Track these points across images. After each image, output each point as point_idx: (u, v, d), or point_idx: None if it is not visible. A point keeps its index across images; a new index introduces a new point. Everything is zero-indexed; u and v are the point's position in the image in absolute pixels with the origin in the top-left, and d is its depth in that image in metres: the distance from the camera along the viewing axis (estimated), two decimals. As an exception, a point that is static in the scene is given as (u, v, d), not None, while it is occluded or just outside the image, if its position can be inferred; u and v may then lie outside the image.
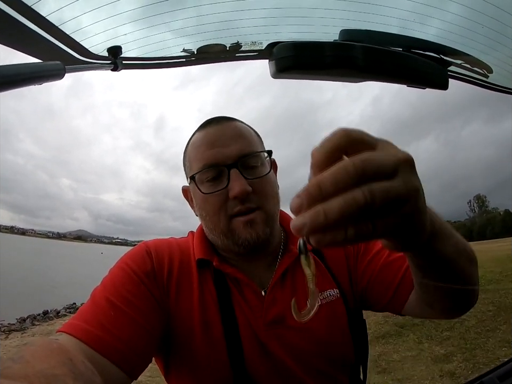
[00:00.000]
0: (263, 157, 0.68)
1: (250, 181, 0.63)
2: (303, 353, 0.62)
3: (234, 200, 0.62)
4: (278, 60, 0.58)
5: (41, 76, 0.45)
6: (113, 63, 0.67)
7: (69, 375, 0.33)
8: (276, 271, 0.67)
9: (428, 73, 0.64)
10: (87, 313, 0.53)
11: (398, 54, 0.61)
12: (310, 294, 0.38)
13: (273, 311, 0.63)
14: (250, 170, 0.64)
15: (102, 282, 0.60)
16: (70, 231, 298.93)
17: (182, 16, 0.58)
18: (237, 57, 0.71)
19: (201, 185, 0.65)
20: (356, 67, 0.57)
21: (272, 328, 0.62)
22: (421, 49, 0.66)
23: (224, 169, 0.63)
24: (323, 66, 0.56)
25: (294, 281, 0.67)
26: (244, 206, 0.62)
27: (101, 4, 0.55)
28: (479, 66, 0.72)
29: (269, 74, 0.57)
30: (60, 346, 0.41)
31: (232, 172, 0.62)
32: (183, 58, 0.73)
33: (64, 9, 0.58)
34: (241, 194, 0.61)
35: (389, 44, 0.63)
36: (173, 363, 0.63)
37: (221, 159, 0.63)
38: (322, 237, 0.28)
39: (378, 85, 3.31)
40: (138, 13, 0.58)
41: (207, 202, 0.64)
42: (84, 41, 0.64)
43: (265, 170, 0.66)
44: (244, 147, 0.65)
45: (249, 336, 0.61)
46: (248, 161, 0.64)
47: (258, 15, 0.59)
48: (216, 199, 0.63)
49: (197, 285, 0.64)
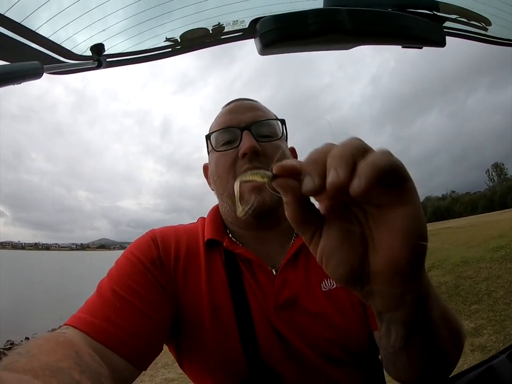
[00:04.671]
0: (277, 130, 0.70)
1: (261, 144, 0.65)
2: (316, 338, 0.59)
3: (243, 159, 0.63)
4: (262, 35, 0.56)
5: (19, 76, 0.45)
6: (97, 60, 0.66)
7: (74, 368, 0.33)
8: (288, 251, 0.65)
9: (422, 31, 0.61)
10: (93, 305, 0.53)
11: (387, 14, 0.58)
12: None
13: (284, 293, 0.61)
14: (264, 138, 0.67)
15: (108, 273, 0.59)
16: (92, 240, 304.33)
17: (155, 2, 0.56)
18: (222, 40, 0.69)
19: (216, 148, 0.68)
20: (344, 32, 0.54)
21: (284, 311, 0.60)
22: (412, 7, 0.62)
23: (238, 132, 0.66)
24: (309, 35, 0.54)
25: (307, 263, 0.65)
26: (252, 165, 0.62)
27: (71, 2, 0.53)
28: (476, 20, 0.68)
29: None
30: (66, 339, 0.41)
31: (245, 133, 0.65)
32: (168, 48, 0.72)
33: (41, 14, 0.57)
34: (250, 150, 0.62)
35: (377, 5, 0.59)
36: (185, 351, 0.62)
37: (235, 123, 0.67)
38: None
39: (374, 62, 3.19)
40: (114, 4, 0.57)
41: (219, 163, 0.67)
42: (64, 43, 0.63)
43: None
44: (259, 116, 0.69)
45: (261, 319, 0.59)
46: (261, 128, 0.67)
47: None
48: (226, 158, 0.65)
49: (204, 269, 0.62)
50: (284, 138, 0.71)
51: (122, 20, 0.62)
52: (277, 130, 0.70)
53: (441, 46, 0.65)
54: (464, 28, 0.73)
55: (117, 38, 0.67)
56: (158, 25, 0.63)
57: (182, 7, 0.58)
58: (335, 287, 0.62)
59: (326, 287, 0.62)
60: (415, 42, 0.63)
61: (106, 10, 0.58)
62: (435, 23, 0.65)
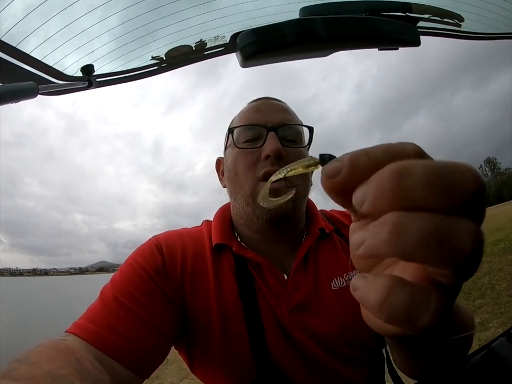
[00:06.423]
0: (303, 137, 0.69)
1: (285, 149, 0.63)
2: (327, 338, 0.60)
3: (265, 161, 0.61)
4: (242, 48, 0.58)
5: (16, 96, 0.48)
6: (88, 81, 0.68)
7: (75, 375, 0.33)
8: (298, 254, 0.65)
9: (396, 33, 0.63)
10: (95, 313, 0.53)
11: (361, 19, 0.60)
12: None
13: (296, 296, 0.61)
14: (289, 142, 0.65)
15: (111, 280, 0.58)
16: (91, 264, 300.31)
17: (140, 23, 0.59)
18: (205, 56, 0.71)
19: (237, 143, 0.65)
20: (320, 39, 0.56)
21: (296, 314, 0.60)
22: (386, 10, 0.65)
23: (263, 131, 0.63)
24: (287, 45, 0.56)
25: (316, 264, 0.65)
26: (273, 169, 0.59)
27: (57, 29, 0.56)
28: (449, 17, 0.71)
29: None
30: (66, 346, 0.41)
31: (270, 134, 0.62)
32: (154, 66, 0.74)
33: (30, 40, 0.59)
34: (274, 153, 0.60)
35: (351, 11, 0.62)
36: (195, 355, 0.62)
37: (262, 122, 0.65)
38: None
39: (357, 71, 3.23)
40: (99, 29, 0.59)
41: (239, 161, 0.64)
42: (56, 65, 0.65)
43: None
44: (288, 119, 0.67)
45: (272, 323, 0.59)
46: (288, 132, 0.65)
47: (214, 7, 0.59)
48: (248, 157, 0.63)
49: (212, 274, 0.61)
50: (308, 147, 0.69)
51: (108, 42, 0.64)
52: (302, 137, 0.69)
53: (416, 46, 0.67)
54: (438, 26, 0.76)
55: (104, 60, 0.69)
56: (143, 45, 0.66)
57: (164, 26, 0.61)
58: (345, 285, 0.63)
59: (336, 286, 0.63)
60: (391, 44, 0.65)
61: (91, 35, 0.61)
62: (409, 23, 0.67)
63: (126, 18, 0.58)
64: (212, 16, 0.61)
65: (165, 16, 0.59)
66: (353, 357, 0.61)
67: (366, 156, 0.21)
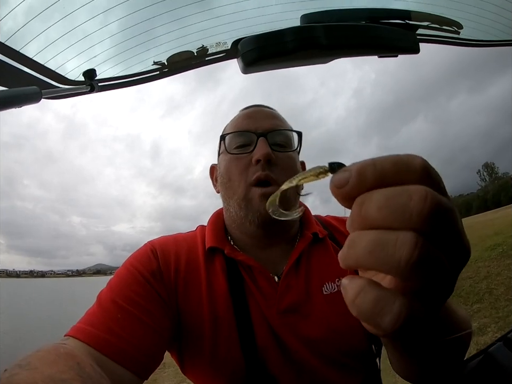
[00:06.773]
0: (292, 142, 0.71)
1: (275, 153, 0.65)
2: (317, 343, 0.60)
3: (256, 166, 0.64)
4: (244, 55, 0.59)
5: (19, 100, 0.48)
6: (90, 85, 0.68)
7: (76, 379, 0.33)
8: (291, 257, 0.65)
9: (396, 40, 0.64)
10: (93, 316, 0.53)
11: (361, 27, 0.61)
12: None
13: (287, 299, 0.61)
14: (278, 147, 0.67)
15: (108, 284, 0.59)
16: (88, 266, 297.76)
17: (142, 29, 0.60)
18: (207, 61, 0.72)
19: (229, 150, 0.68)
20: (321, 47, 0.57)
21: (286, 317, 0.60)
22: (385, 18, 0.66)
23: (253, 137, 0.66)
24: (288, 52, 0.57)
25: (308, 268, 0.66)
26: (264, 173, 0.62)
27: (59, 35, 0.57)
28: (448, 24, 0.72)
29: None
30: (67, 350, 0.41)
31: (260, 139, 0.65)
32: (156, 71, 0.75)
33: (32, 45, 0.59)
34: (264, 157, 0.62)
35: (351, 19, 0.63)
36: (186, 357, 0.62)
37: (253, 128, 0.67)
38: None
39: (355, 76, 3.27)
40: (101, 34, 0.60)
41: (231, 166, 0.67)
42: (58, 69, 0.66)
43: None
44: (277, 125, 0.69)
45: (262, 325, 0.60)
46: (278, 137, 0.68)
47: (216, 14, 0.60)
48: (239, 163, 0.66)
49: (205, 278, 0.62)
50: (298, 151, 0.72)
51: (110, 48, 0.65)
52: (292, 142, 0.71)
53: (416, 53, 0.68)
54: (437, 33, 0.77)
55: (106, 65, 0.70)
56: (145, 50, 0.66)
57: (166, 32, 0.62)
58: (336, 290, 0.63)
59: (328, 291, 0.63)
60: (390, 51, 0.66)
61: (93, 40, 0.61)
62: (408, 31, 0.68)
63: (129, 24, 0.58)
64: (214, 23, 0.61)
65: (167, 22, 0.60)
66: (344, 363, 0.61)
67: (374, 167, 0.23)
